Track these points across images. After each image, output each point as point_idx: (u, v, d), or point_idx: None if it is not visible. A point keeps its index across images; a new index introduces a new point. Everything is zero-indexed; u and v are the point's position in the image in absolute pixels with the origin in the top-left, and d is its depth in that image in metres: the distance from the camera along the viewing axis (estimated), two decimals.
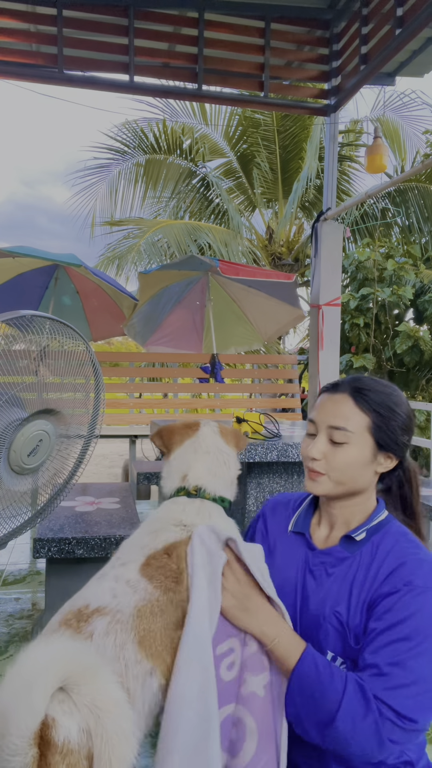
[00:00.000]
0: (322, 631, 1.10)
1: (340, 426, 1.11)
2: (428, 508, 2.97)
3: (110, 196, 9.72)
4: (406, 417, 1.15)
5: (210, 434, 1.27)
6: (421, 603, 1.00)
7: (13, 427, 1.63)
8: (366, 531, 1.13)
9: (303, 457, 1.18)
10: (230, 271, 5.24)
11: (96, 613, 0.94)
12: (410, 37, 3.78)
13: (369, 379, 1.17)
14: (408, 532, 1.14)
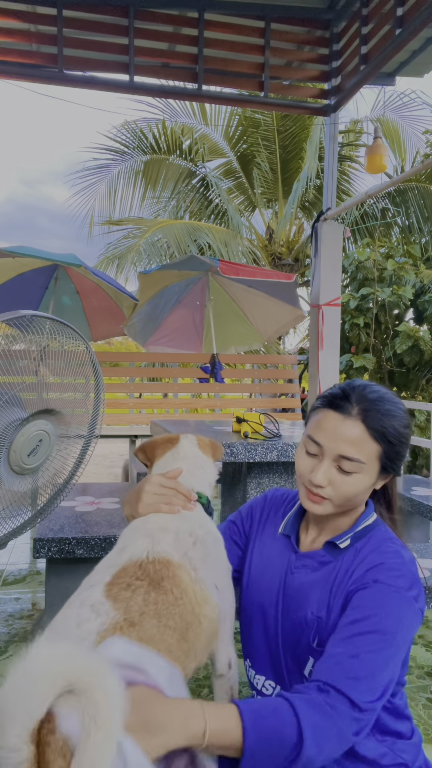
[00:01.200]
0: (303, 636, 1.11)
1: (354, 458, 1.06)
2: (428, 509, 2.97)
3: (110, 196, 9.73)
4: (409, 436, 1.12)
5: (188, 445, 1.34)
6: (386, 601, 1.00)
7: (13, 427, 1.63)
8: (351, 538, 1.12)
9: (300, 476, 1.13)
10: (230, 271, 5.25)
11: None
12: (410, 37, 3.78)
13: (377, 399, 1.09)
14: (392, 537, 1.13)
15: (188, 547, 1.11)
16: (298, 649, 1.12)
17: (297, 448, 1.17)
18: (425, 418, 6.69)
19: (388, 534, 1.13)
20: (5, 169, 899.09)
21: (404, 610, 1.01)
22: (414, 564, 1.09)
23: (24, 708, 0.72)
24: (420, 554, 2.39)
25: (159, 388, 7.07)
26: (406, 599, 1.01)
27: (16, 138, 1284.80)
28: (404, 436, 1.10)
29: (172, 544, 1.10)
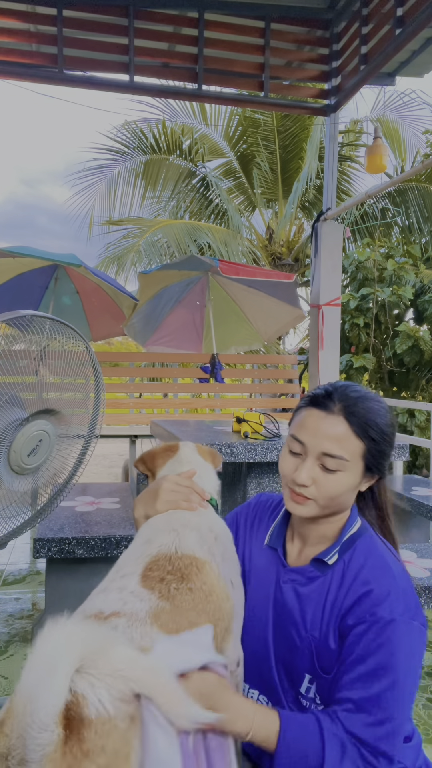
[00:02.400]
0: (298, 653, 1.10)
1: (337, 455, 1.04)
2: (428, 509, 2.97)
3: (110, 196, 9.74)
4: (394, 436, 1.11)
5: (189, 452, 1.36)
6: (387, 635, 0.98)
7: (13, 427, 1.63)
8: (338, 552, 1.10)
9: (284, 476, 1.11)
10: (230, 271, 5.25)
11: (113, 615, 0.95)
12: (410, 37, 3.78)
13: (359, 396, 1.08)
14: (379, 547, 1.10)
15: (211, 543, 1.15)
16: (293, 667, 1.12)
17: (281, 450, 1.15)
18: (425, 418, 6.69)
19: (374, 543, 1.10)
20: (5, 168, 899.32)
21: (406, 638, 0.99)
22: (405, 576, 1.07)
23: (48, 687, 0.72)
24: (420, 554, 2.39)
25: (159, 388, 7.07)
26: (404, 624, 0.99)
27: (16, 138, 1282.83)
28: (387, 434, 1.08)
29: (197, 540, 1.13)
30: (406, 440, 5.14)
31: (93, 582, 1.45)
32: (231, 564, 1.18)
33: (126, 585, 1.04)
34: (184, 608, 1.02)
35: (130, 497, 3.08)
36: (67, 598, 2.44)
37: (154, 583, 1.03)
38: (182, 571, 1.06)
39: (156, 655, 0.89)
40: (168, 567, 1.07)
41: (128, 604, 0.98)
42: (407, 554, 2.37)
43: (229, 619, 1.12)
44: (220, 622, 1.08)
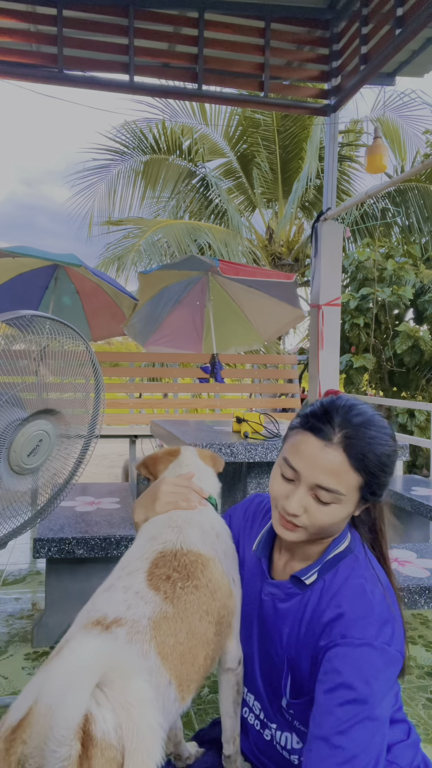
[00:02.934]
0: (275, 669, 1.09)
1: (332, 488, 0.99)
2: (428, 509, 2.97)
3: (110, 196, 9.73)
4: (393, 464, 1.04)
5: (190, 455, 1.38)
6: (358, 662, 0.94)
7: (13, 427, 1.63)
8: (318, 571, 1.06)
9: (274, 499, 1.06)
10: (230, 271, 5.24)
11: (114, 623, 0.96)
12: (410, 37, 3.78)
13: (362, 423, 1.00)
14: (361, 569, 1.05)
15: (213, 539, 1.16)
16: (273, 681, 1.11)
17: (273, 469, 1.09)
18: (425, 418, 6.69)
19: (357, 565, 1.06)
20: (6, 168, 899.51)
21: (377, 664, 0.95)
22: (384, 603, 1.01)
23: (70, 701, 0.72)
24: (420, 554, 2.39)
25: (159, 388, 7.07)
26: (377, 650, 0.95)
27: (16, 138, 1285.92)
28: (388, 466, 1.02)
29: (200, 537, 1.14)
30: (406, 440, 5.14)
31: (93, 582, 1.44)
32: (232, 561, 1.20)
33: (131, 584, 1.04)
34: (188, 612, 1.02)
35: (130, 497, 3.08)
36: (67, 598, 2.44)
37: (160, 582, 1.04)
38: (188, 569, 1.07)
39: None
40: (174, 563, 1.07)
41: (131, 609, 0.99)
42: (407, 554, 2.37)
43: (231, 616, 1.14)
44: (223, 619, 1.09)
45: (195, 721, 1.93)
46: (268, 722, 1.17)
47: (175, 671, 0.97)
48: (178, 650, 0.98)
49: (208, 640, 1.04)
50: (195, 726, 1.89)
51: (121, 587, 1.04)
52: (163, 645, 0.96)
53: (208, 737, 1.34)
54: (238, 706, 1.19)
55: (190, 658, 1.00)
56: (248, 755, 1.24)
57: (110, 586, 1.06)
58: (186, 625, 1.01)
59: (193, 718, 1.95)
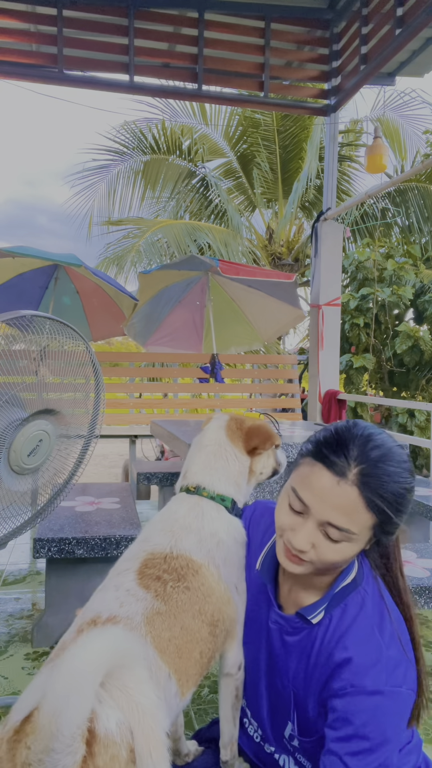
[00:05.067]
0: (281, 700, 1.08)
1: (343, 528, 0.92)
2: (428, 509, 2.97)
3: (110, 196, 9.73)
4: (409, 503, 0.97)
5: (213, 428, 1.25)
6: (371, 710, 0.92)
7: (13, 427, 1.63)
8: (324, 609, 1.01)
9: (280, 530, 1.00)
10: (230, 270, 5.24)
11: (109, 621, 0.96)
12: (410, 37, 3.78)
13: (380, 456, 0.93)
14: (368, 605, 1.01)
15: (211, 546, 1.12)
16: (278, 710, 1.10)
17: (279, 495, 1.01)
18: (425, 418, 6.69)
19: (366, 601, 1.01)
20: (6, 168, 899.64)
21: (390, 710, 0.93)
22: (392, 640, 0.97)
23: (75, 706, 0.72)
24: (420, 554, 2.39)
25: (159, 388, 7.07)
26: (389, 697, 0.93)
27: (17, 137, 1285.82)
28: (404, 505, 0.95)
29: (195, 543, 1.11)
30: (406, 440, 5.14)
31: (93, 582, 1.44)
32: (235, 569, 1.15)
33: (122, 583, 1.04)
34: (180, 609, 1.02)
35: (130, 497, 3.08)
36: (67, 598, 2.44)
37: (150, 582, 1.04)
38: (178, 572, 1.06)
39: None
40: (164, 566, 1.06)
41: (125, 606, 0.99)
42: (407, 554, 2.37)
43: (232, 623, 1.12)
44: (219, 623, 1.08)
45: (195, 721, 1.93)
46: (267, 744, 1.16)
47: (173, 665, 0.97)
48: (174, 644, 0.98)
49: (202, 638, 1.03)
50: (195, 725, 1.89)
51: (113, 586, 1.04)
52: (159, 639, 0.96)
53: (207, 736, 1.34)
54: (237, 712, 1.18)
55: (187, 652, 1.00)
56: (249, 754, 1.24)
57: (103, 587, 1.06)
58: (179, 621, 1.01)
59: (193, 717, 1.95)
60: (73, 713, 0.71)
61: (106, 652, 0.77)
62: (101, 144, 9.54)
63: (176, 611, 1.01)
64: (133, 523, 2.53)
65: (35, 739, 0.76)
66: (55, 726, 0.71)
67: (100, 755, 0.74)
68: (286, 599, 1.11)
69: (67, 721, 0.71)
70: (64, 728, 0.71)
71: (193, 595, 1.05)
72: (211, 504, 1.17)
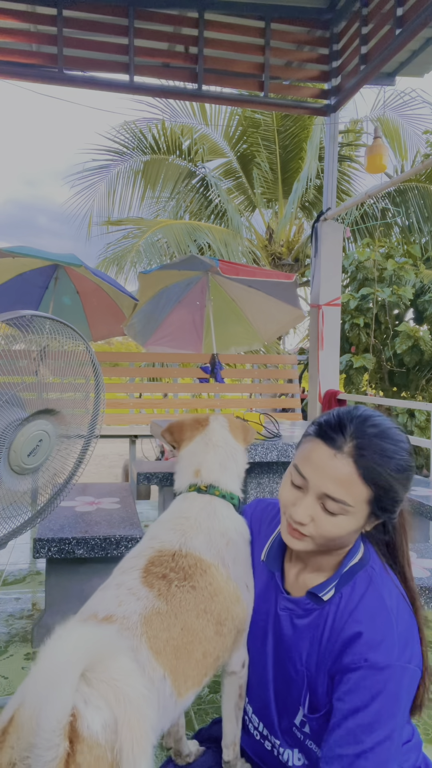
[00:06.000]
0: (293, 685, 1.08)
1: (339, 499, 0.96)
2: (428, 509, 2.97)
3: (109, 196, 9.73)
4: (407, 481, 1.01)
5: (219, 429, 1.28)
6: (382, 684, 0.95)
7: (13, 427, 1.63)
8: (335, 586, 1.04)
9: (282, 506, 1.04)
10: (230, 271, 5.24)
11: (105, 621, 0.96)
12: (410, 37, 3.78)
13: (377, 433, 0.98)
14: (377, 581, 1.03)
15: (221, 546, 1.13)
16: (289, 699, 1.10)
17: (284, 474, 1.07)
18: (425, 418, 6.69)
19: (374, 578, 1.03)
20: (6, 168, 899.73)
21: (400, 685, 0.95)
22: (404, 616, 1.01)
23: (54, 702, 0.71)
24: (420, 554, 2.39)
25: (159, 388, 7.07)
26: (398, 670, 0.95)
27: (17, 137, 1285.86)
28: (400, 482, 0.99)
29: (205, 543, 1.12)
30: None
31: (93, 582, 1.44)
32: (244, 567, 1.16)
33: (124, 581, 1.04)
34: (183, 609, 1.02)
35: (130, 497, 3.08)
36: (67, 598, 2.44)
37: (155, 580, 1.03)
38: (186, 571, 1.06)
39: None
40: (171, 564, 1.06)
41: (123, 605, 0.98)
42: None
43: (242, 622, 1.12)
44: (226, 622, 1.08)
45: (195, 721, 1.93)
46: (272, 737, 1.16)
47: (169, 666, 0.96)
48: (171, 645, 0.97)
49: (206, 637, 1.03)
50: (195, 726, 1.89)
51: (114, 585, 1.04)
52: (155, 640, 0.96)
53: (208, 736, 1.34)
54: (240, 711, 1.18)
55: (186, 653, 0.99)
56: (249, 753, 1.24)
57: (105, 585, 1.06)
58: (180, 622, 1.00)
59: (193, 717, 1.95)
60: (52, 708, 0.70)
61: (84, 646, 0.76)
62: (101, 144, 9.55)
63: (178, 611, 1.01)
64: (133, 523, 2.53)
65: (18, 737, 0.75)
66: (35, 722, 0.71)
67: (82, 754, 0.74)
68: (294, 586, 1.12)
69: (46, 716, 0.70)
70: (43, 723, 0.70)
71: (198, 595, 1.04)
72: (223, 503, 1.20)
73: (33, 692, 0.73)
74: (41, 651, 0.75)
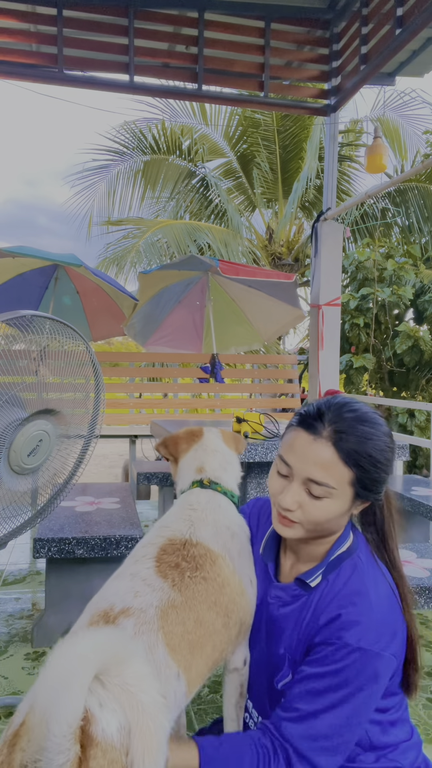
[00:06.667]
0: (279, 671, 1.09)
1: (322, 482, 1.00)
2: (428, 509, 2.97)
3: (109, 196, 9.73)
4: (388, 462, 1.04)
5: (214, 438, 1.36)
6: (349, 660, 0.97)
7: (13, 427, 1.63)
8: (322, 573, 1.07)
9: (272, 496, 1.08)
10: (230, 271, 5.24)
11: (122, 614, 0.96)
12: (410, 37, 3.78)
13: (354, 418, 1.02)
14: (361, 569, 1.06)
15: (227, 539, 1.16)
16: (275, 683, 1.12)
17: (271, 466, 1.11)
18: (425, 418, 6.69)
19: (359, 566, 1.06)
20: (6, 168, 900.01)
21: (365, 666, 0.97)
22: (383, 604, 1.03)
23: (64, 706, 0.70)
24: (420, 554, 2.39)
25: (159, 388, 7.07)
26: (369, 655, 0.97)
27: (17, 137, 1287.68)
28: (381, 462, 1.02)
29: (212, 534, 1.15)
30: (406, 440, 5.14)
31: (93, 582, 1.44)
32: (247, 561, 1.19)
33: (139, 570, 1.05)
34: (196, 601, 1.02)
35: (130, 497, 3.08)
36: (67, 598, 2.44)
37: (168, 570, 1.04)
38: (196, 560, 1.08)
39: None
40: (183, 552, 1.08)
41: (139, 596, 0.98)
42: (407, 554, 2.37)
43: (246, 615, 1.13)
44: (233, 615, 1.09)
45: (195, 721, 1.93)
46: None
47: (183, 662, 0.96)
48: (186, 639, 0.98)
49: (215, 630, 1.04)
50: (195, 726, 1.89)
51: (129, 574, 1.04)
52: (171, 635, 0.96)
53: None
54: (241, 710, 1.18)
55: (199, 647, 1.00)
56: None
57: (119, 574, 1.07)
58: (194, 614, 1.01)
59: (193, 718, 1.95)
60: (63, 713, 0.70)
61: (97, 650, 0.76)
62: (101, 144, 9.54)
63: (192, 603, 1.01)
64: (133, 523, 2.53)
65: (29, 740, 0.75)
66: (45, 726, 0.70)
67: (96, 759, 0.73)
68: (287, 577, 1.15)
69: (57, 720, 0.70)
70: (54, 727, 0.70)
71: (209, 586, 1.05)
72: (225, 498, 1.25)
73: (43, 696, 0.72)
74: (52, 653, 0.74)
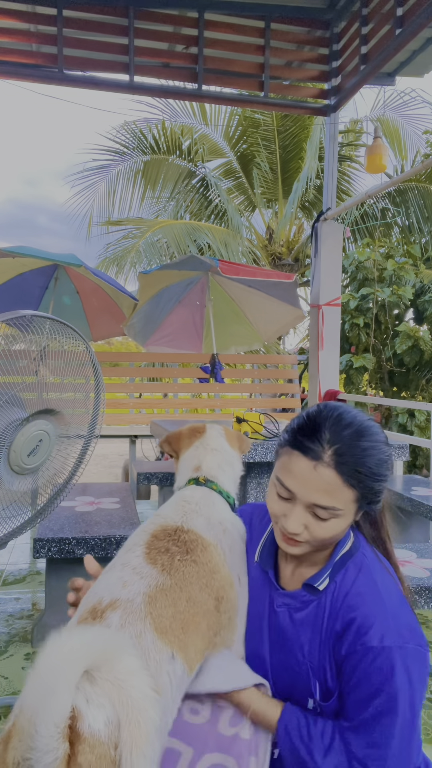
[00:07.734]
0: (298, 678, 1.08)
1: (328, 506, 0.98)
2: (428, 509, 2.97)
3: (109, 196, 9.73)
4: (388, 471, 1.02)
5: (216, 436, 1.34)
6: (379, 664, 0.95)
7: (13, 427, 1.63)
8: (329, 575, 1.06)
9: (274, 517, 1.05)
10: (230, 270, 5.24)
11: (109, 607, 0.95)
12: (410, 37, 3.78)
13: (352, 434, 0.98)
14: (368, 565, 1.06)
15: (219, 533, 1.16)
16: (295, 691, 1.10)
17: (269, 484, 1.08)
18: (425, 418, 6.69)
19: (365, 562, 1.06)
20: (6, 168, 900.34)
21: (401, 662, 0.95)
22: (395, 595, 1.02)
23: (51, 704, 0.71)
24: (420, 554, 2.39)
25: (159, 388, 7.07)
26: (397, 649, 0.95)
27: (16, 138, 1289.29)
28: (383, 474, 1.01)
29: (204, 525, 1.15)
30: (406, 440, 5.14)
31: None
32: (238, 559, 1.18)
33: (129, 560, 1.05)
34: (187, 582, 1.02)
35: (130, 497, 3.08)
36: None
37: (158, 555, 1.04)
38: (187, 545, 1.08)
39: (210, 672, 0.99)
40: (174, 537, 1.09)
41: (127, 586, 0.98)
42: (407, 554, 2.37)
43: (233, 610, 1.12)
44: (224, 601, 1.08)
45: None
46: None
47: (177, 642, 0.96)
48: (178, 619, 0.97)
49: (209, 610, 1.03)
50: None
51: (119, 564, 1.04)
52: (160, 618, 0.95)
53: None
54: None
55: (194, 625, 0.99)
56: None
57: (111, 566, 1.07)
58: (185, 594, 1.00)
59: None
60: (49, 713, 0.70)
61: (83, 649, 0.76)
62: (101, 144, 9.54)
63: (183, 583, 1.01)
64: (133, 523, 2.53)
65: (19, 739, 0.75)
66: (32, 727, 0.71)
67: (84, 754, 0.74)
68: (289, 582, 1.14)
69: (43, 721, 0.70)
70: (41, 729, 0.70)
71: (200, 569, 1.05)
72: (220, 497, 1.24)
73: (30, 697, 0.73)
74: (39, 655, 0.75)
